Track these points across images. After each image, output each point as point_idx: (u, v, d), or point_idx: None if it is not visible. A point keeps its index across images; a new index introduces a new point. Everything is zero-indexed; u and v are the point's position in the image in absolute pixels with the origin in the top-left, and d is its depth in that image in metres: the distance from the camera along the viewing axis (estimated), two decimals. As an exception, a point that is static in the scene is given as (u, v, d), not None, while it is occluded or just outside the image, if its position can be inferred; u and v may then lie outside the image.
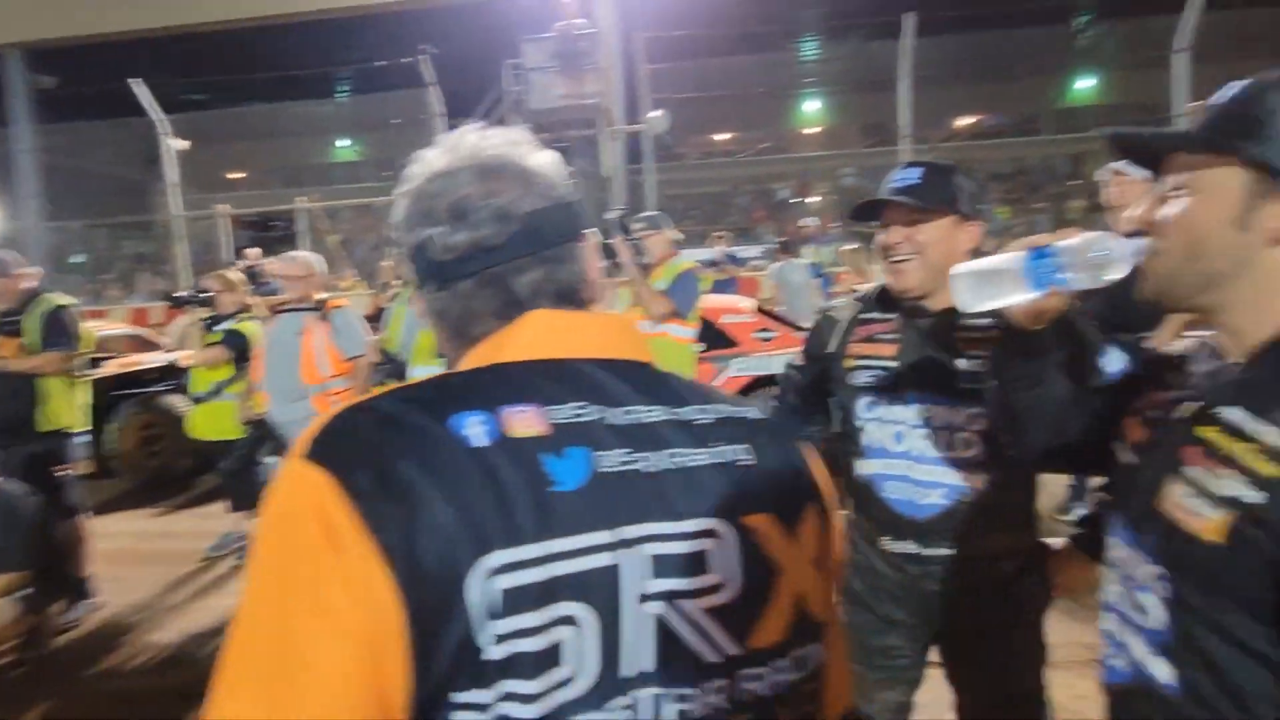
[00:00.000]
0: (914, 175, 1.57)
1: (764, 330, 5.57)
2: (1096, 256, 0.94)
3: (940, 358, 1.58)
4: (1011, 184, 22.44)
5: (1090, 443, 1.09)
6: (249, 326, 4.49)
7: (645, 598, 0.64)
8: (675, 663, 0.65)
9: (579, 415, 0.67)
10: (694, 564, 0.67)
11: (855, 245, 8.14)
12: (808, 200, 22.78)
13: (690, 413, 0.73)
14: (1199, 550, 0.84)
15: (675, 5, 14.81)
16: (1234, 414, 0.84)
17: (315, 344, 4.02)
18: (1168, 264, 0.91)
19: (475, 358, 0.73)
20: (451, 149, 0.77)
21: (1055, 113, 22.95)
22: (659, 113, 13.01)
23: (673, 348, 3.91)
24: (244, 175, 23.93)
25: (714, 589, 0.67)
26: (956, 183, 1.57)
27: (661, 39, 14.05)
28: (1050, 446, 1.15)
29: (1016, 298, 0.99)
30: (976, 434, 1.53)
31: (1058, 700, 1.71)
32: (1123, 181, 3.84)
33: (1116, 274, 0.95)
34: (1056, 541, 1.65)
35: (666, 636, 0.65)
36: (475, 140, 0.77)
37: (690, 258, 4.26)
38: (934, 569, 1.60)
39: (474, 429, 0.63)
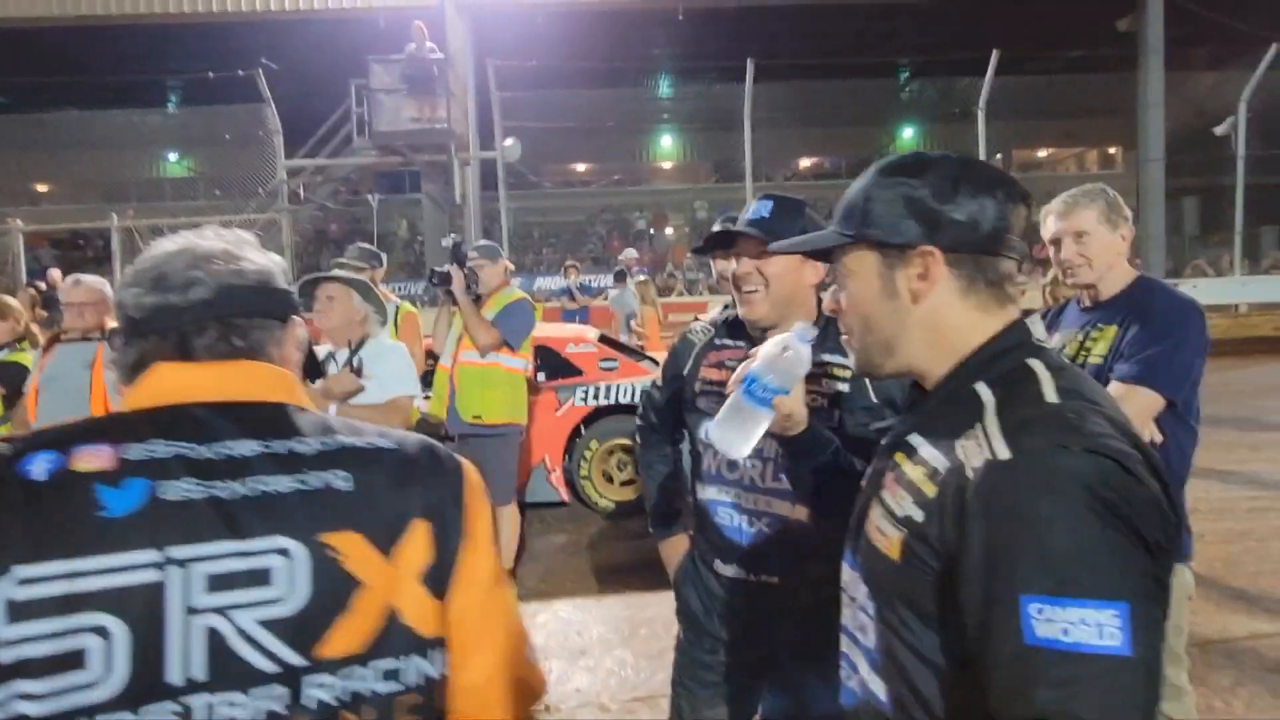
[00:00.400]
0: (765, 209, 1.58)
1: (608, 360, 5.65)
2: (784, 359, 1.09)
3: None
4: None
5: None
6: (26, 357, 4.02)
7: (194, 611, 0.71)
8: (228, 671, 0.71)
9: (151, 453, 0.75)
10: (254, 579, 0.73)
11: (644, 278, 9.33)
12: (665, 231, 23.50)
13: (291, 444, 0.80)
14: (885, 567, 0.91)
15: (529, 36, 14.93)
16: (916, 440, 0.93)
17: (109, 377, 3.68)
18: (856, 341, 1.04)
19: (122, 403, 0.81)
20: (181, 240, 0.89)
21: (884, 156, 25.00)
22: (511, 141, 13.04)
23: (503, 378, 3.88)
24: (49, 188, 21.58)
25: (274, 602, 0.73)
26: (807, 216, 1.60)
27: (515, 68, 14.09)
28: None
29: (763, 424, 1.11)
30: (806, 467, 1.57)
31: None
32: None
33: (804, 364, 1.10)
34: None
35: (218, 646, 0.71)
36: (199, 236, 0.90)
37: (540, 287, 4.27)
38: (758, 594, 1.62)
39: (38, 466, 0.73)
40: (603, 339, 6.11)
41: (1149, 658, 0.72)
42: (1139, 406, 1.79)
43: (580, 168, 25.52)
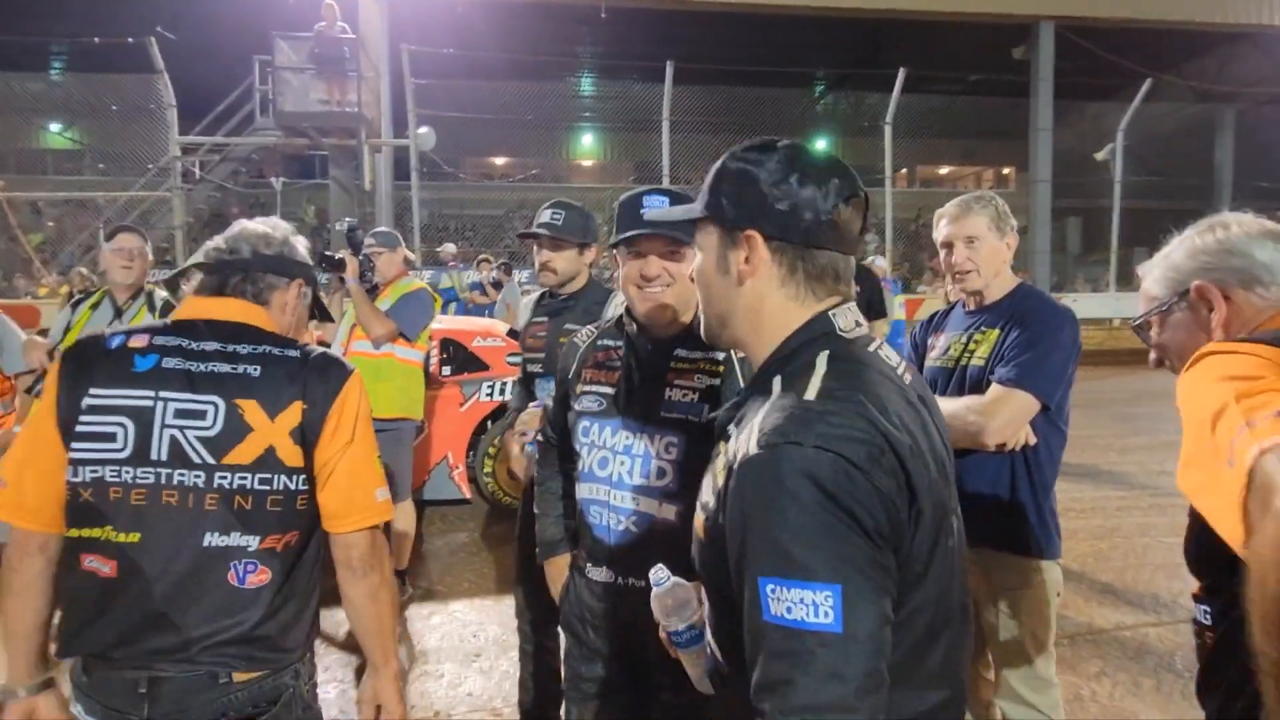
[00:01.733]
0: (667, 203, 1.58)
1: (516, 354, 5.55)
2: (670, 604, 1.18)
3: (651, 386, 1.61)
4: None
5: None
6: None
7: (166, 425, 1.33)
8: (179, 458, 1.33)
9: (165, 341, 1.39)
10: (197, 415, 1.34)
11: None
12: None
13: (235, 347, 1.39)
14: (699, 545, 1.02)
15: (447, 23, 14.55)
16: (732, 429, 1.00)
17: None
18: (701, 310, 1.08)
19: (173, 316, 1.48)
20: (241, 223, 1.53)
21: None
22: (425, 129, 12.67)
23: (397, 370, 3.73)
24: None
25: (205, 428, 1.34)
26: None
27: (431, 54, 13.70)
28: None
29: (701, 664, 1.17)
30: (671, 464, 1.55)
31: None
32: None
33: (680, 591, 1.18)
34: None
35: (175, 445, 1.33)
36: (251, 221, 1.54)
37: (449, 277, 4.14)
38: (626, 598, 1.60)
39: (114, 341, 1.39)
40: (511, 333, 6.01)
41: (860, 634, 0.80)
42: (1016, 408, 1.87)
43: (498, 161, 25.12)
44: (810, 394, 0.90)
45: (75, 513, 1.33)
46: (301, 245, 1.55)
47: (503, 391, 5.32)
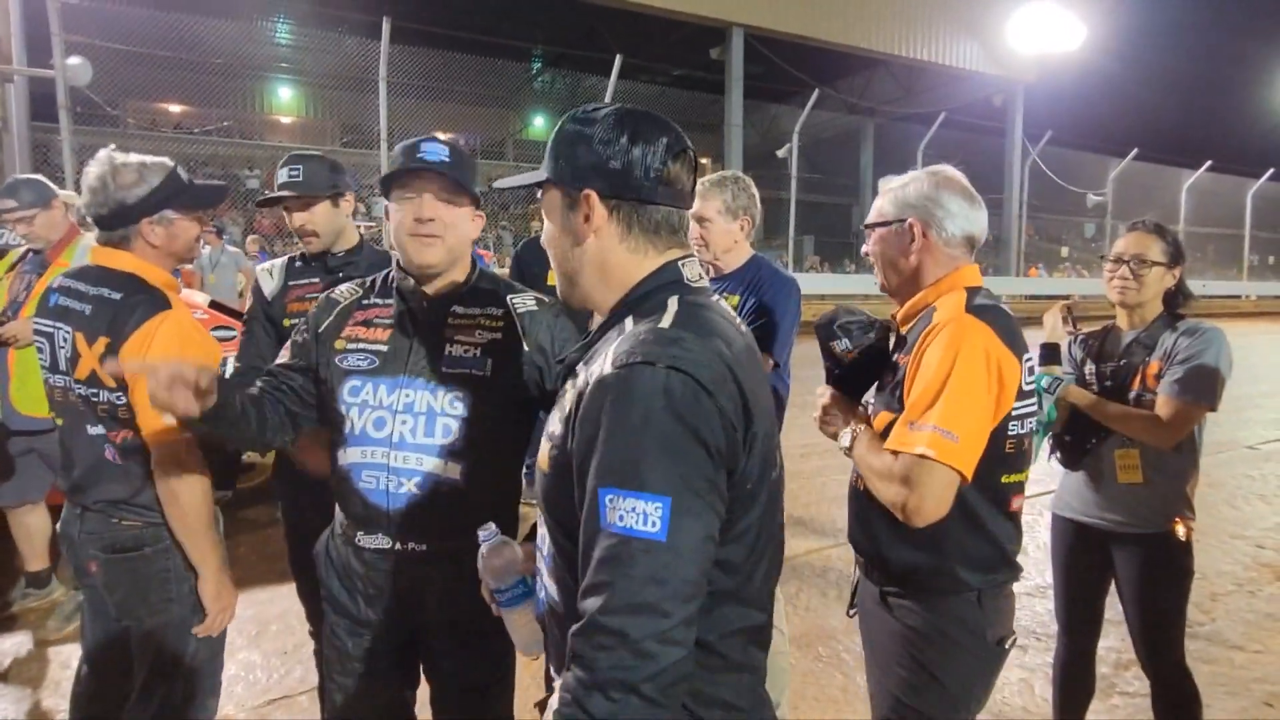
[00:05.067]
0: (445, 153, 1.54)
1: (222, 328, 4.92)
2: (496, 564, 1.23)
3: (430, 342, 1.57)
4: (485, 201, 24.42)
5: None
6: None
7: (58, 347, 1.78)
8: (60, 369, 1.78)
9: (65, 282, 1.80)
10: (61, 342, 1.76)
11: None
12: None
13: (92, 289, 1.75)
14: (543, 479, 1.04)
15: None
16: (579, 368, 1.05)
17: None
18: (556, 271, 1.11)
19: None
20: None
21: (516, 141, 25.74)
22: (79, 60, 10.51)
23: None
24: None
25: (64, 349, 1.76)
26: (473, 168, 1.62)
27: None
28: None
29: (530, 612, 1.22)
30: (456, 420, 1.52)
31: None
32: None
33: (507, 552, 1.24)
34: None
35: (61, 360, 1.77)
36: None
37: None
38: (405, 564, 1.56)
39: (52, 285, 1.84)
40: (214, 305, 5.32)
41: (682, 545, 0.87)
42: None
43: (174, 109, 21.64)
44: (663, 324, 0.97)
45: None
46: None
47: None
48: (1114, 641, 3.01)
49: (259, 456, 4.81)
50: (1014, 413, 1.43)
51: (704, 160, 30.37)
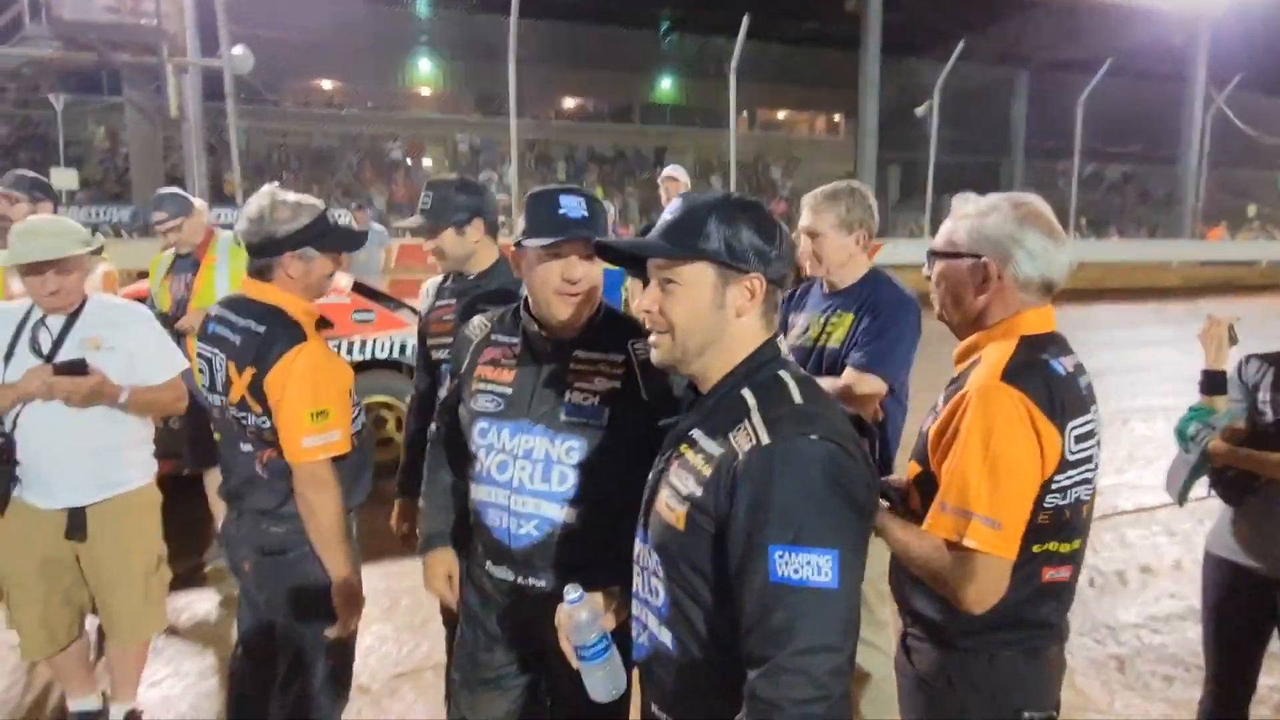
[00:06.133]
0: (583, 207, 1.55)
1: (363, 311, 5.26)
2: (577, 625, 1.27)
3: (550, 389, 1.59)
4: (611, 166, 24.61)
5: None
6: None
7: (213, 369, 1.96)
8: (216, 389, 1.96)
9: (218, 313, 1.99)
10: (212, 369, 1.96)
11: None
12: (423, 162, 22.12)
13: (240, 320, 1.91)
14: (673, 535, 1.14)
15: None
16: (696, 434, 1.16)
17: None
18: (675, 340, 1.18)
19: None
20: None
21: (644, 106, 25.62)
22: (241, 49, 11.38)
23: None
24: None
25: (217, 374, 1.94)
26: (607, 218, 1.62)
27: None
28: None
29: (610, 664, 1.29)
30: (573, 469, 1.55)
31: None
32: (671, 185, 5.06)
33: (588, 614, 1.28)
34: None
35: (213, 384, 1.98)
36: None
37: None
38: (527, 598, 1.61)
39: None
40: (357, 288, 5.69)
41: (847, 589, 1.02)
42: (868, 389, 2.07)
43: (326, 86, 23.09)
44: (797, 399, 1.11)
45: None
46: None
47: (349, 352, 5.06)
48: (1277, 680, 2.72)
49: (396, 432, 5.13)
50: (1053, 485, 1.31)
51: (836, 118, 29.28)
